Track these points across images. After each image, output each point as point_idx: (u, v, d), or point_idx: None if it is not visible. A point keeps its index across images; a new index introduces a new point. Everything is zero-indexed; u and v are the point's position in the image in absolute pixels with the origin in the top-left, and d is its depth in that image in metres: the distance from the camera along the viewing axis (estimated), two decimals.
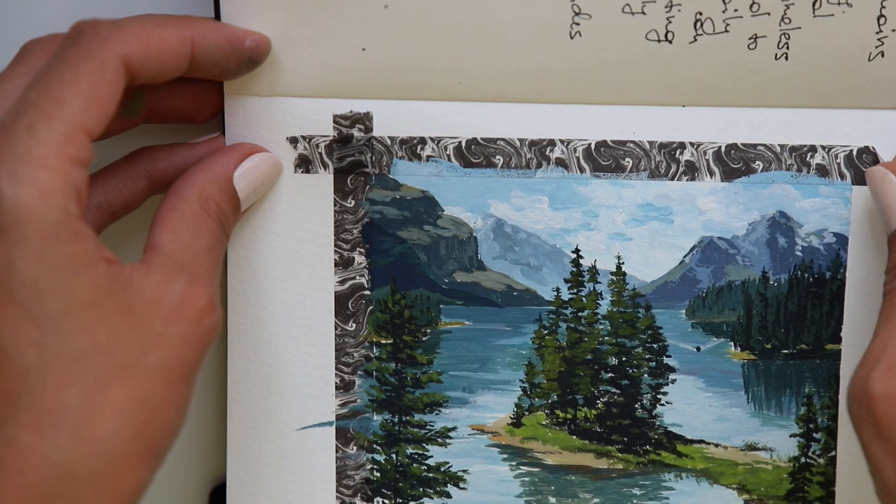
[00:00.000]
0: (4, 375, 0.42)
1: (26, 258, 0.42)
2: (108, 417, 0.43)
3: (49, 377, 0.42)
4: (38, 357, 0.42)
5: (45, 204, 0.43)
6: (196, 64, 0.52)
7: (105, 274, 0.44)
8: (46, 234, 0.42)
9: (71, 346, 0.43)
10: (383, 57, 0.58)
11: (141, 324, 0.45)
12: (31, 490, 0.42)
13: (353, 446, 0.63)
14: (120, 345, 0.44)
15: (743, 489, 0.63)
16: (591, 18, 0.57)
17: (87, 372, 0.43)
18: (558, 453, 0.64)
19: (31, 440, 0.42)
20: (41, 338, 0.42)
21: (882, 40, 0.58)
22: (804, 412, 0.62)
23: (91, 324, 0.43)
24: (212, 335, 0.48)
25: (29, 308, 0.42)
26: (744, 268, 0.62)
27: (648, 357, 0.63)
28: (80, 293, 0.43)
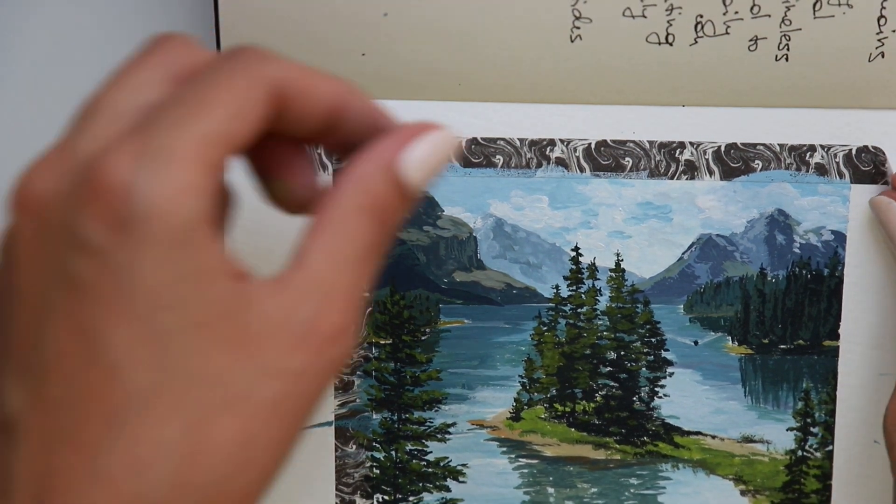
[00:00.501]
0: (110, 396, 0.37)
1: (151, 263, 0.37)
2: (210, 457, 0.38)
3: (154, 405, 0.37)
4: (149, 380, 0.37)
5: (178, 204, 0.37)
6: (335, 125, 0.44)
7: (229, 291, 0.39)
8: (175, 237, 0.37)
9: (180, 370, 0.38)
10: (383, 61, 0.58)
11: (259, 352, 0.39)
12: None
13: (352, 445, 0.63)
14: (231, 374, 0.38)
15: (739, 480, 0.64)
16: (592, 22, 0.57)
17: (193, 402, 0.38)
18: (557, 445, 0.64)
19: (126, 477, 0.37)
20: (154, 358, 0.37)
21: (882, 41, 0.57)
22: (801, 407, 0.63)
23: (205, 347, 0.38)
24: (337, 366, 0.41)
25: (147, 322, 0.37)
26: (742, 264, 0.62)
27: (647, 351, 0.63)
28: (198, 310, 0.38)
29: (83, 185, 0.37)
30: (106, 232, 0.37)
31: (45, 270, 0.38)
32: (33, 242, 0.38)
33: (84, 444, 0.37)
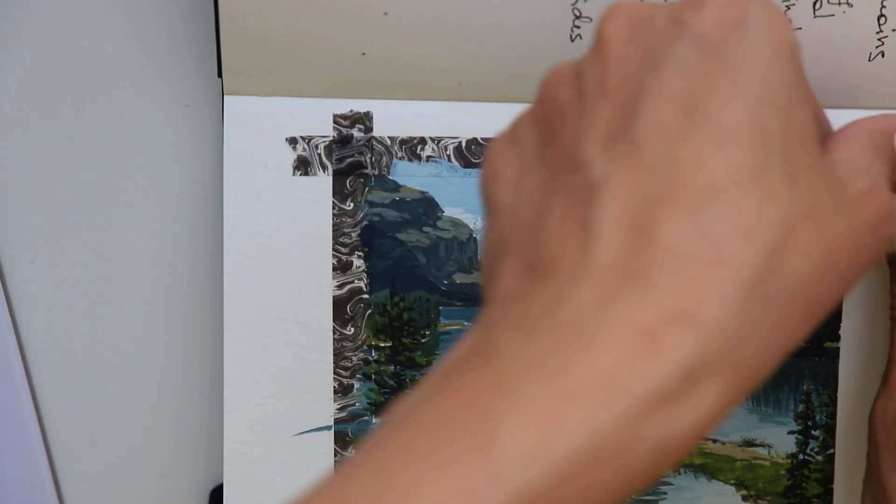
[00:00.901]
0: (713, 166, 0.39)
1: (760, 62, 0.41)
2: (799, 254, 0.40)
3: (756, 184, 0.39)
4: (751, 161, 0.39)
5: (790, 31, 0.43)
6: None
7: (814, 118, 0.43)
8: (783, 50, 0.42)
9: (776, 164, 0.40)
10: (383, 60, 0.58)
11: (835, 188, 0.42)
12: None
13: (351, 449, 0.63)
14: (816, 191, 0.41)
15: (741, 485, 0.64)
16: (593, 21, 0.57)
17: (791, 195, 0.40)
18: None
19: (728, 239, 0.38)
20: (759, 144, 0.40)
21: (882, 40, 0.58)
22: (802, 409, 0.63)
23: (800, 155, 0.41)
24: (884, 247, 0.44)
25: (748, 111, 0.40)
26: None
27: None
28: (794, 118, 0.41)
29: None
30: (719, 30, 0.41)
31: (642, 60, 0.41)
32: (632, 37, 0.42)
33: (684, 203, 0.38)
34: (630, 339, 0.36)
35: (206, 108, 0.62)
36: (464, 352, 0.39)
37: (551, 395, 0.36)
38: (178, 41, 0.62)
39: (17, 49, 0.63)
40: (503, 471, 0.35)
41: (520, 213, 0.42)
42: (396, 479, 0.36)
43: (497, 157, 0.46)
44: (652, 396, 0.36)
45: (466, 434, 0.36)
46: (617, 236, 0.38)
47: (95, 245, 0.64)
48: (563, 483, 0.36)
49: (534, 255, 0.40)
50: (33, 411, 0.65)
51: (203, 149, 0.63)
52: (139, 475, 0.67)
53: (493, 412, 0.36)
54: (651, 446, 0.36)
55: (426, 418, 0.37)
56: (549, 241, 0.40)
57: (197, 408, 0.66)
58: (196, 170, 0.64)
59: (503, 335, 0.38)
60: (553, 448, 0.35)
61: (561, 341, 0.37)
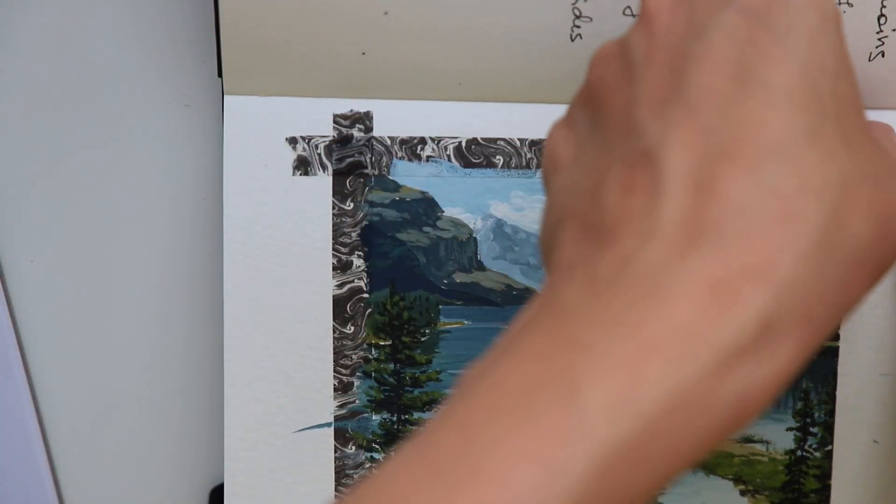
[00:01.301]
0: (770, 126, 0.40)
1: (807, 29, 0.41)
2: (857, 213, 0.40)
3: (813, 145, 0.40)
4: (806, 123, 0.40)
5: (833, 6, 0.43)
6: None
7: (856, 88, 0.43)
8: (830, 21, 0.42)
9: (829, 128, 0.40)
10: (383, 60, 0.58)
11: (886, 157, 0.43)
12: None
13: (351, 446, 0.63)
14: (863, 160, 0.41)
15: (739, 480, 0.64)
16: (592, 21, 0.57)
17: (841, 159, 0.40)
18: None
19: (791, 195, 0.39)
20: (810, 106, 0.40)
21: (882, 40, 0.58)
22: (801, 406, 0.63)
23: (846, 121, 0.42)
24: None
25: (801, 75, 0.41)
26: None
27: None
28: (839, 85, 0.42)
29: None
30: (767, 2, 0.41)
31: (687, 29, 0.42)
32: (676, 9, 0.43)
33: (745, 161, 0.38)
34: (705, 294, 0.37)
35: (206, 108, 0.62)
36: (531, 316, 0.40)
37: (629, 350, 0.36)
38: (178, 41, 0.62)
39: (17, 49, 0.62)
40: (587, 426, 0.35)
41: (577, 185, 0.43)
42: (480, 432, 0.36)
43: (554, 142, 0.46)
44: (730, 349, 0.36)
45: (547, 390, 0.36)
46: (682, 194, 0.38)
47: (95, 245, 0.64)
48: (648, 437, 0.36)
49: (596, 220, 0.40)
50: (33, 411, 0.65)
51: (203, 149, 0.63)
52: (139, 475, 0.67)
53: (571, 368, 0.36)
54: (731, 399, 0.37)
55: (502, 379, 0.37)
56: (610, 205, 0.40)
57: (197, 407, 0.66)
58: (196, 170, 0.64)
59: (571, 296, 0.38)
60: (636, 403, 0.36)
61: (634, 298, 0.37)
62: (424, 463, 0.36)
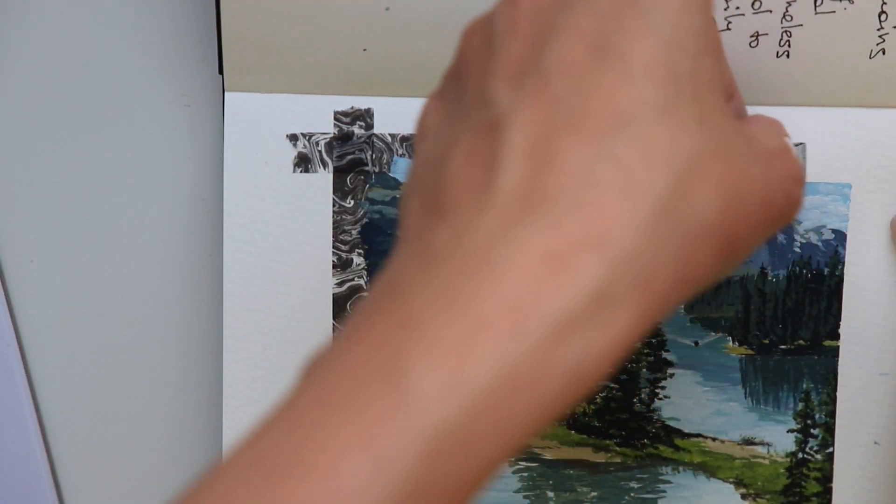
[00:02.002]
0: (622, 97, 0.39)
1: (672, 7, 0.41)
2: (702, 188, 0.39)
3: (665, 119, 0.39)
4: (661, 95, 0.39)
5: None
6: None
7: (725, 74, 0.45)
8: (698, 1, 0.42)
9: (685, 101, 0.40)
10: (384, 57, 0.58)
11: (748, 140, 0.43)
12: None
13: None
14: (721, 130, 0.41)
15: (740, 483, 0.63)
16: None
17: (695, 133, 0.40)
18: (556, 448, 0.64)
19: (635, 165, 0.38)
20: (667, 79, 0.40)
21: (883, 37, 0.58)
22: (802, 408, 0.63)
23: (704, 92, 0.41)
24: (792, 209, 0.45)
25: (663, 48, 0.40)
26: (743, 264, 0.62)
27: (647, 351, 0.63)
28: (703, 62, 0.41)
29: None
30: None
31: (552, 2, 0.41)
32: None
33: (590, 130, 0.38)
34: (537, 265, 0.36)
35: (206, 109, 0.62)
36: (372, 296, 0.39)
37: (459, 327, 0.36)
38: (178, 41, 0.62)
39: (16, 50, 0.62)
40: (415, 411, 0.35)
41: (431, 155, 0.42)
42: (310, 433, 0.35)
43: (424, 112, 0.46)
44: (563, 321, 0.36)
45: (376, 377, 0.36)
46: (520, 165, 0.38)
47: (95, 245, 0.64)
48: (479, 416, 0.35)
49: (439, 192, 0.40)
50: (33, 411, 0.65)
51: (203, 149, 0.63)
52: (138, 475, 0.67)
53: (400, 351, 0.36)
54: (565, 372, 0.36)
55: (337, 367, 0.37)
56: (452, 176, 0.39)
57: (196, 407, 0.66)
58: (196, 170, 0.63)
59: (407, 273, 0.38)
60: (465, 382, 0.35)
61: (466, 271, 0.37)
62: (256, 463, 0.36)
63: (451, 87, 0.45)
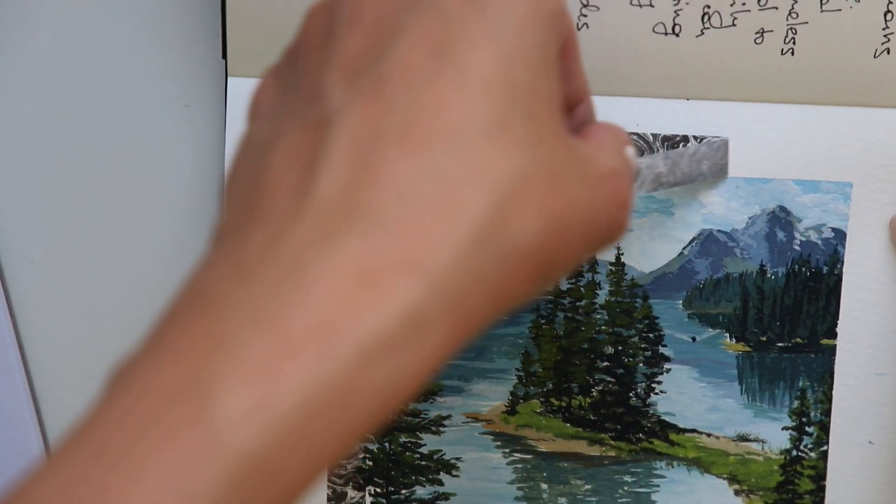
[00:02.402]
0: (456, 111, 0.38)
1: (517, 18, 0.40)
2: (523, 211, 0.38)
3: (498, 138, 0.38)
4: (497, 111, 0.38)
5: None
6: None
7: (559, 91, 0.42)
8: (546, 14, 0.41)
9: (521, 120, 0.39)
10: None
11: (579, 161, 0.41)
12: None
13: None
14: (553, 155, 0.40)
15: (733, 479, 0.63)
16: (600, 10, 0.57)
17: (528, 152, 0.39)
18: (552, 440, 0.64)
19: (460, 185, 0.37)
20: (506, 95, 0.39)
21: (888, 37, 0.57)
22: (797, 406, 0.63)
23: (543, 115, 0.40)
24: (616, 233, 0.44)
25: (505, 63, 0.39)
26: (742, 260, 0.62)
27: (644, 346, 0.63)
28: (542, 83, 0.40)
29: None
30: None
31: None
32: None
33: (417, 142, 0.37)
34: (350, 283, 0.35)
35: (207, 109, 0.62)
36: (183, 298, 0.37)
37: (268, 348, 0.34)
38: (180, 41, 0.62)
39: (17, 50, 0.62)
40: (222, 439, 0.33)
41: (259, 141, 0.40)
42: (117, 462, 0.33)
43: (260, 87, 0.44)
44: (374, 343, 0.35)
45: (184, 400, 0.34)
46: (341, 171, 0.37)
47: (95, 245, 0.64)
48: (287, 443, 0.34)
49: (256, 187, 0.38)
50: (33, 411, 0.65)
51: (203, 149, 0.63)
52: None
53: (209, 373, 0.34)
54: (375, 394, 0.35)
55: (144, 384, 0.35)
56: (272, 173, 0.38)
57: None
58: (196, 170, 0.63)
59: (217, 281, 0.36)
60: (273, 407, 0.34)
61: (276, 286, 0.35)
62: (61, 494, 0.34)
63: (288, 67, 0.43)
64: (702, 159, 0.58)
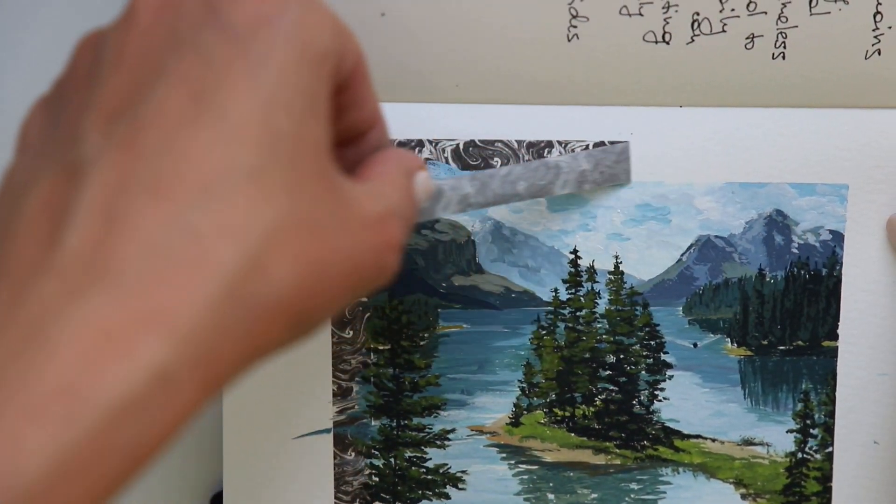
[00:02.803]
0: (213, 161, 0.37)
1: (283, 64, 0.39)
2: (278, 265, 0.38)
3: (256, 184, 0.38)
4: (255, 159, 0.38)
5: (323, 35, 0.40)
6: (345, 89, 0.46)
7: (328, 138, 0.41)
8: (312, 57, 0.40)
9: (280, 167, 0.38)
10: (381, 62, 0.58)
11: (346, 203, 0.41)
12: None
13: (351, 452, 0.62)
14: (314, 203, 0.39)
15: (740, 483, 0.63)
16: (589, 21, 0.57)
17: (286, 200, 0.38)
18: (556, 450, 0.64)
19: (214, 241, 0.36)
20: (265, 142, 0.38)
21: (878, 38, 0.58)
22: (801, 408, 0.63)
23: (304, 162, 0.39)
24: (384, 275, 0.44)
25: (265, 111, 0.38)
26: (741, 265, 0.62)
27: (646, 354, 0.63)
28: (307, 128, 0.39)
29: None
30: (251, 21, 0.39)
31: (167, 38, 0.39)
32: (162, 12, 0.40)
33: (171, 194, 0.36)
34: (96, 344, 0.34)
35: None
36: None
37: (10, 414, 0.33)
38: None
39: (16, 51, 0.62)
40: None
41: (19, 179, 0.39)
42: None
43: (29, 118, 0.43)
44: (121, 404, 0.34)
45: None
46: (89, 225, 0.35)
47: None
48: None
49: (5, 236, 0.37)
50: None
51: None
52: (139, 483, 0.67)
53: None
54: (124, 453, 0.34)
55: None
56: (23, 222, 0.36)
57: None
58: None
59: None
60: (17, 477, 0.32)
61: (19, 348, 0.34)
62: None
63: (56, 100, 0.42)
64: (517, 180, 0.57)
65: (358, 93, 0.45)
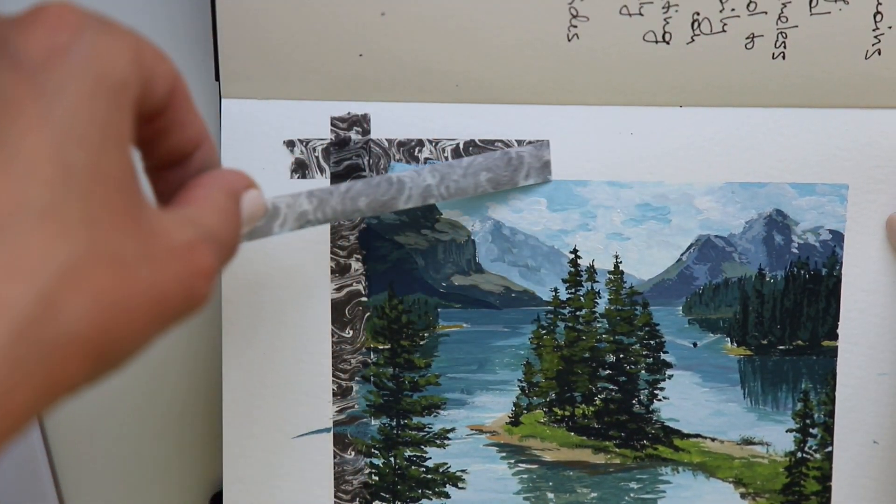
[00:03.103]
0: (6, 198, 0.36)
1: (78, 97, 0.38)
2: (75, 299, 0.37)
3: (46, 223, 0.36)
4: (48, 198, 0.37)
5: (122, 64, 0.39)
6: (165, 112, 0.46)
7: (130, 165, 0.40)
8: (109, 88, 0.39)
9: (74, 207, 0.37)
10: (381, 62, 0.58)
11: (148, 238, 0.40)
12: None
13: (350, 451, 0.63)
14: (114, 236, 0.38)
15: (739, 483, 0.64)
16: (589, 21, 0.57)
17: (75, 239, 0.37)
18: (556, 450, 0.64)
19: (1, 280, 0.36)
20: (58, 182, 0.37)
21: (878, 38, 0.58)
22: (801, 408, 0.63)
23: (101, 198, 0.38)
24: (195, 303, 0.43)
25: (59, 151, 0.37)
26: (740, 265, 0.62)
27: (646, 353, 0.63)
28: (105, 162, 0.38)
29: (37, 7, 0.38)
30: (43, 53, 0.38)
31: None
32: None
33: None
34: None
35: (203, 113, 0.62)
36: None
37: None
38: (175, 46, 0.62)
39: None
40: None
41: None
42: None
43: None
44: None
45: None
46: None
47: None
48: None
49: None
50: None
51: None
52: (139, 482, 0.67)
53: None
54: None
55: None
56: None
57: (196, 413, 0.66)
58: None
59: None
60: None
61: None
62: None
63: None
64: (357, 196, 0.57)
65: (178, 114, 0.45)
